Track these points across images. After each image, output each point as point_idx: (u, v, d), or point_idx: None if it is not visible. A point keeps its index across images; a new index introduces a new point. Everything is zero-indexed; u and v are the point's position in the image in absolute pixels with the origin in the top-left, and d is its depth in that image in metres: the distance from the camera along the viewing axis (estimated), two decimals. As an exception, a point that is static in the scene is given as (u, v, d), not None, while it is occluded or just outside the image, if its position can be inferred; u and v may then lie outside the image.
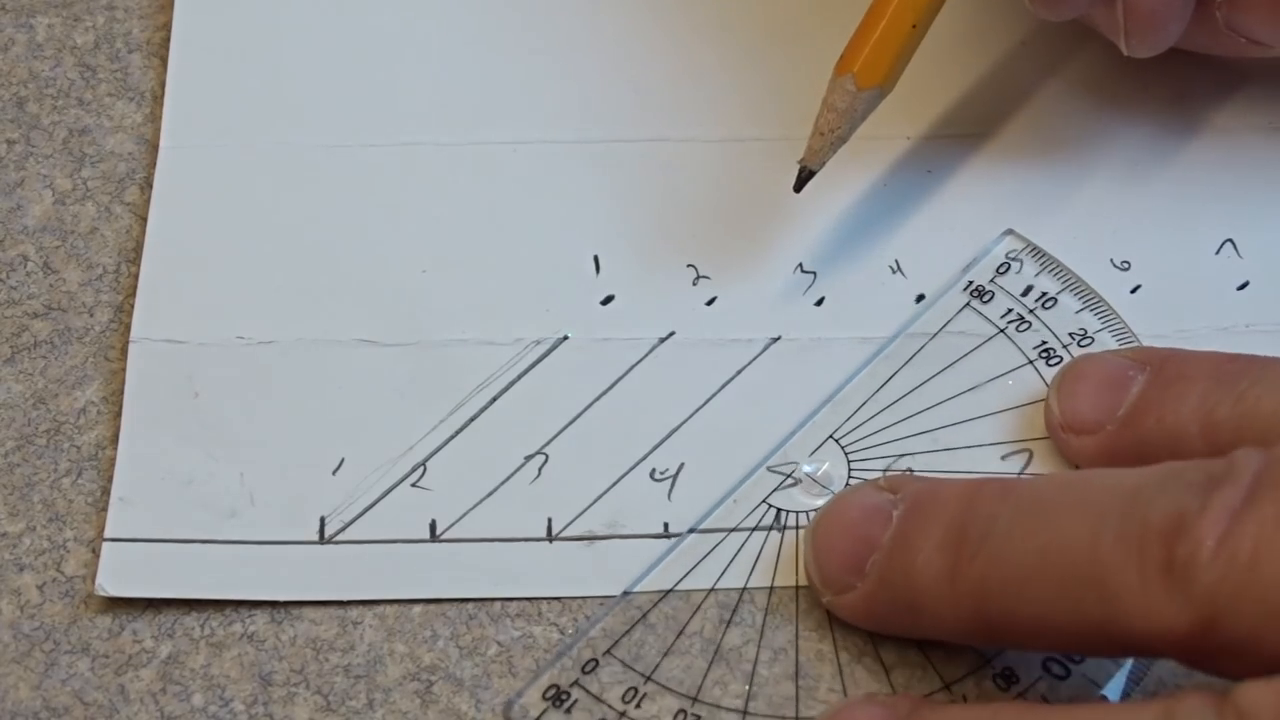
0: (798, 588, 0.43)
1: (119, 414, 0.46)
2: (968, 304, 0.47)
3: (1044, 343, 0.46)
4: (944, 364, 0.46)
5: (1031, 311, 0.47)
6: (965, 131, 0.50)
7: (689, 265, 0.48)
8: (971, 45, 0.51)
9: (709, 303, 0.48)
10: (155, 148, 0.50)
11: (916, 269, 0.48)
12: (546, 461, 0.45)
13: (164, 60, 0.52)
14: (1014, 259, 0.47)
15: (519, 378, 0.47)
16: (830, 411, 0.45)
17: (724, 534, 0.44)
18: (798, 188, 0.47)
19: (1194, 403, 0.42)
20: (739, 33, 0.52)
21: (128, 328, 0.47)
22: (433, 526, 0.45)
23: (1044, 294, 0.47)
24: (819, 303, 0.47)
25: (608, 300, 0.48)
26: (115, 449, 0.45)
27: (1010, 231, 0.48)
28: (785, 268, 0.48)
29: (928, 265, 0.48)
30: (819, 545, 0.42)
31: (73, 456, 0.46)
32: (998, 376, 0.46)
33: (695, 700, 0.42)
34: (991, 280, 0.47)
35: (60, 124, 0.51)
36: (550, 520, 0.45)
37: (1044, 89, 0.51)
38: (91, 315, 0.48)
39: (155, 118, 0.51)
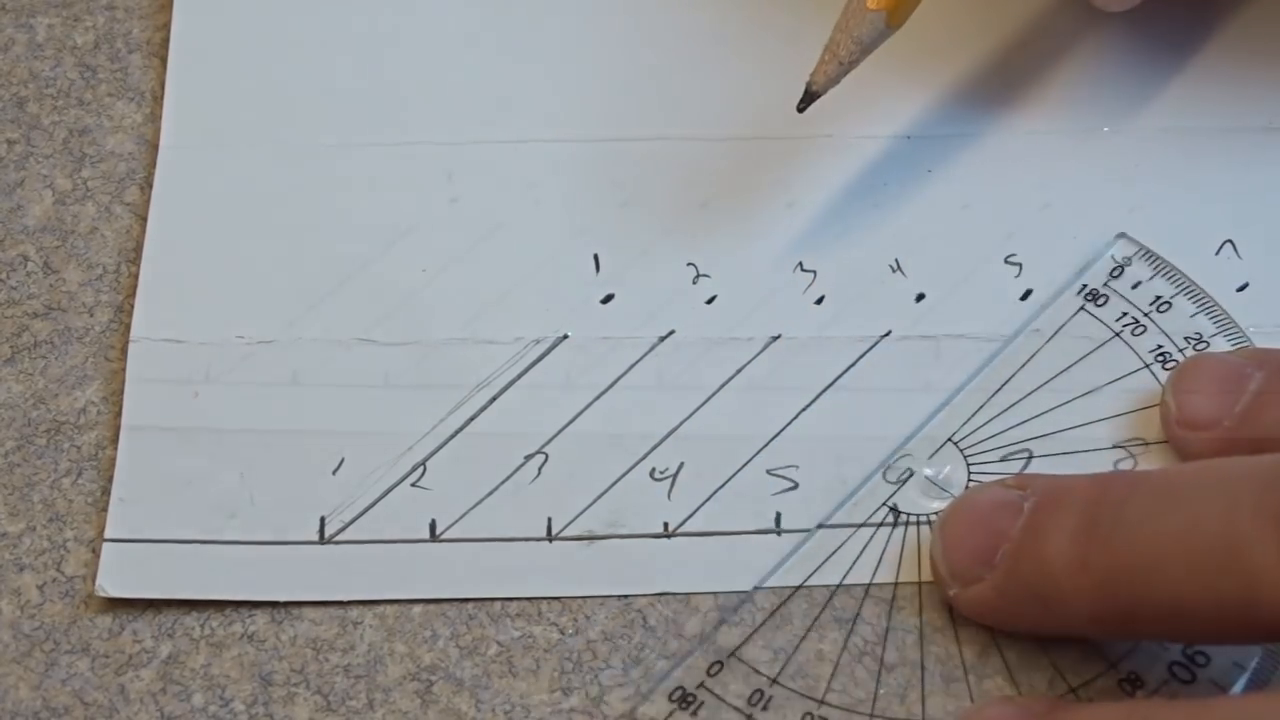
0: (920, 583, 0.43)
1: (119, 414, 0.46)
2: (1082, 307, 0.47)
3: (1159, 346, 0.46)
4: (1061, 367, 0.46)
5: (1146, 315, 0.46)
6: (966, 131, 0.50)
7: (689, 264, 0.48)
8: (972, 44, 0.51)
9: (709, 302, 0.48)
10: (155, 148, 0.50)
11: (916, 268, 0.48)
12: (546, 461, 0.45)
13: (164, 60, 0.52)
14: (1126, 262, 0.47)
15: (519, 377, 0.47)
16: (949, 414, 0.45)
17: (850, 530, 0.43)
18: (801, 108, 0.46)
19: None
20: (739, 32, 0.52)
21: (128, 328, 0.47)
22: (433, 526, 0.45)
23: (1158, 297, 0.46)
24: (819, 301, 0.47)
25: (608, 299, 0.48)
26: (115, 449, 0.46)
27: (1123, 235, 0.47)
28: (785, 267, 0.48)
29: (928, 264, 0.48)
30: (948, 538, 0.42)
31: (73, 456, 0.46)
32: (1115, 380, 0.45)
33: (821, 703, 0.41)
34: (1105, 284, 0.47)
35: (60, 124, 0.51)
36: (550, 520, 0.45)
37: (1045, 88, 0.51)
38: (91, 315, 0.48)
39: (155, 118, 0.51)
